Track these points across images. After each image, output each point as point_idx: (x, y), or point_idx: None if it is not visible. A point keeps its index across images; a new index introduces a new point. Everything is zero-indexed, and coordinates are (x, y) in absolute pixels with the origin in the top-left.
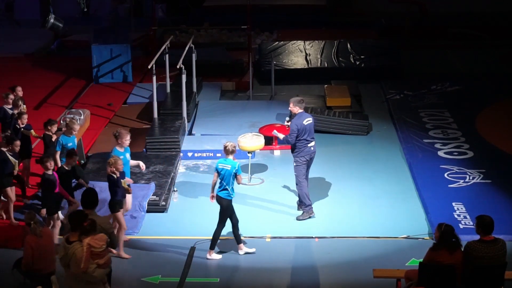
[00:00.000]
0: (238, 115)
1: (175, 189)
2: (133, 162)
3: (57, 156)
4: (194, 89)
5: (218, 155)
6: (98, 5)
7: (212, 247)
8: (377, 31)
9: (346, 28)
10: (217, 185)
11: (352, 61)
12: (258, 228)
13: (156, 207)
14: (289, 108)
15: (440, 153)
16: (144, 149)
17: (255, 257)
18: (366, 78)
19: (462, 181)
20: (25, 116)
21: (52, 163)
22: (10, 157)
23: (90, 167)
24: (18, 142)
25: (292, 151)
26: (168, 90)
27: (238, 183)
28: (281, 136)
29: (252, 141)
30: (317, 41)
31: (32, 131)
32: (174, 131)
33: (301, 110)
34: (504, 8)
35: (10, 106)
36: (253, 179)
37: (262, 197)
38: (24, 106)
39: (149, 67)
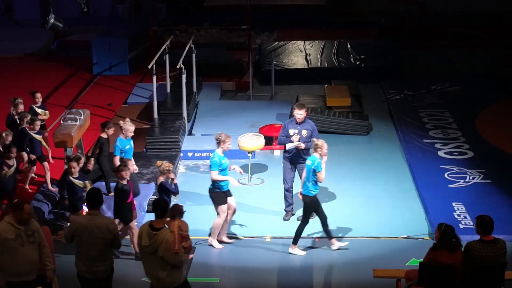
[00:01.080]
0: (238, 115)
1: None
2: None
3: (117, 161)
4: (194, 89)
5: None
6: (98, 5)
7: (295, 242)
8: (377, 31)
9: (346, 28)
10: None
11: (352, 61)
12: (258, 228)
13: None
14: (302, 114)
15: (440, 153)
16: (144, 149)
17: (255, 257)
18: (366, 78)
19: (462, 181)
20: (38, 122)
21: (128, 172)
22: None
23: (90, 168)
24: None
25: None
26: (168, 90)
27: (320, 181)
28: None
29: (252, 141)
30: (317, 41)
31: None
32: (174, 131)
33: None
34: (504, 8)
35: (38, 105)
36: (253, 179)
37: (262, 197)
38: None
39: (149, 67)
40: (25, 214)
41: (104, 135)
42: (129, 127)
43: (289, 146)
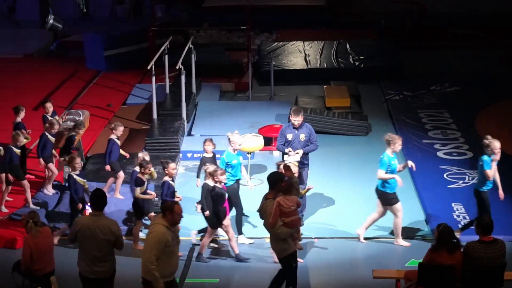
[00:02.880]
0: (237, 115)
1: (175, 190)
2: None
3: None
4: (194, 90)
5: (218, 155)
6: (98, 6)
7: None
8: (376, 32)
9: (345, 28)
10: None
11: (352, 62)
12: (258, 228)
13: (155, 208)
14: (299, 120)
15: (440, 154)
16: (143, 150)
17: (255, 257)
18: (365, 78)
19: (462, 181)
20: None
21: (225, 177)
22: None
23: (89, 168)
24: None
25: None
26: (168, 91)
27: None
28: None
29: (252, 141)
30: (316, 42)
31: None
32: (173, 132)
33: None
34: (504, 8)
35: (49, 114)
36: (253, 179)
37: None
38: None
39: (148, 67)
40: (177, 215)
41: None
42: (238, 139)
43: (287, 159)
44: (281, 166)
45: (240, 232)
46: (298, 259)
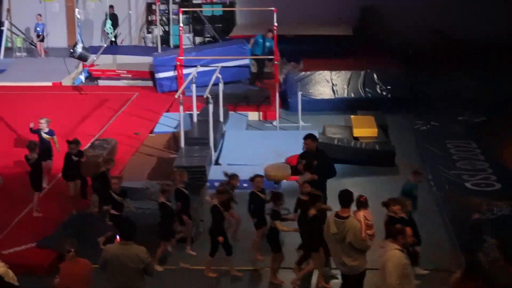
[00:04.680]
0: (264, 145)
1: (202, 219)
2: None
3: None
4: (221, 119)
5: (245, 185)
6: (126, 35)
7: None
8: (403, 61)
9: (372, 58)
10: None
11: (379, 91)
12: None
13: (184, 237)
14: (308, 144)
15: (468, 185)
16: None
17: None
18: (392, 108)
19: (490, 213)
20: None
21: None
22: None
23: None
24: None
25: None
26: (195, 119)
27: None
28: None
29: (279, 171)
30: (343, 71)
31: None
32: (200, 161)
33: None
34: None
35: (46, 130)
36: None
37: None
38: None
39: (176, 96)
40: (409, 237)
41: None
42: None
43: (301, 179)
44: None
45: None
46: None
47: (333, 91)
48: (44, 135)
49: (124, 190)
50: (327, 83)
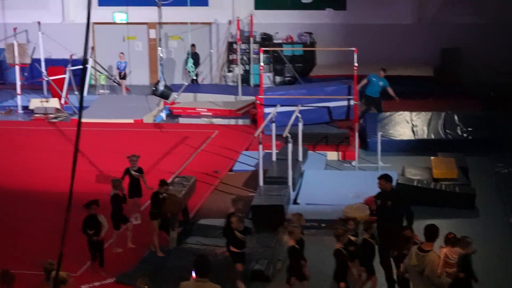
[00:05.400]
0: (343, 185)
1: (280, 258)
2: None
3: None
4: (300, 158)
5: (323, 224)
6: (207, 73)
7: None
8: (484, 103)
9: (453, 99)
10: None
11: (459, 133)
12: None
13: (260, 276)
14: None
15: None
16: (249, 217)
17: None
18: (473, 150)
19: None
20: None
21: None
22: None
23: (196, 233)
24: None
25: None
26: (274, 158)
27: None
28: None
29: (357, 211)
30: (424, 112)
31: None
32: (279, 200)
33: None
34: None
35: (136, 168)
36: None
37: None
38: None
39: (256, 135)
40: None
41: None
42: None
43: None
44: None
45: None
46: None
47: (413, 132)
48: (134, 173)
49: (248, 228)
50: (407, 124)
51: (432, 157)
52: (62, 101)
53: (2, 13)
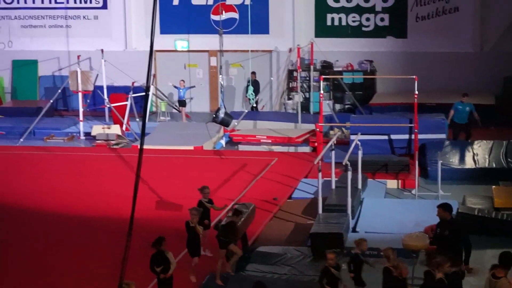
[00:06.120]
0: (402, 213)
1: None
2: None
3: None
4: (359, 186)
5: (382, 253)
6: (267, 100)
7: None
8: None
9: None
10: None
11: None
12: None
13: None
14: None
15: None
16: (307, 244)
17: None
18: None
19: None
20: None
21: None
22: None
23: (254, 261)
24: None
25: None
26: (333, 186)
27: None
28: None
29: (417, 240)
30: (485, 141)
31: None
32: (338, 228)
33: None
34: None
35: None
36: (416, 279)
37: None
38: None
39: (315, 162)
40: None
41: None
42: None
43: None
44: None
45: None
46: None
47: (474, 160)
48: (206, 204)
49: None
50: (468, 153)
51: (494, 186)
52: (124, 127)
53: (66, 41)
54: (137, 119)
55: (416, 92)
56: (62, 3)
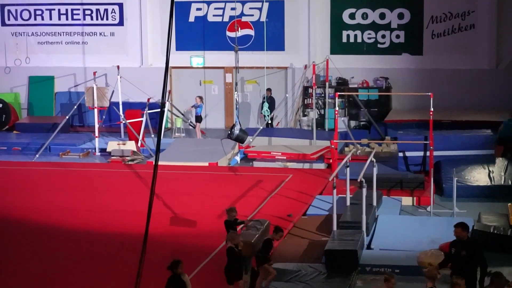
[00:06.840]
0: (417, 231)
1: None
2: None
3: None
4: (374, 203)
5: (397, 271)
6: (282, 117)
7: None
8: None
9: None
10: None
11: None
12: None
13: None
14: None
15: None
16: (322, 261)
17: None
18: None
19: None
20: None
21: None
22: None
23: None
24: None
25: None
26: (348, 203)
27: None
28: None
29: (432, 258)
30: (500, 158)
31: None
32: (352, 245)
33: None
34: None
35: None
36: None
37: None
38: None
39: (330, 179)
40: None
41: None
42: None
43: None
44: None
45: None
46: None
47: (490, 178)
48: (237, 223)
49: None
50: (484, 170)
51: (509, 204)
52: (139, 143)
53: (83, 57)
54: (152, 135)
55: (432, 109)
56: (79, 19)
